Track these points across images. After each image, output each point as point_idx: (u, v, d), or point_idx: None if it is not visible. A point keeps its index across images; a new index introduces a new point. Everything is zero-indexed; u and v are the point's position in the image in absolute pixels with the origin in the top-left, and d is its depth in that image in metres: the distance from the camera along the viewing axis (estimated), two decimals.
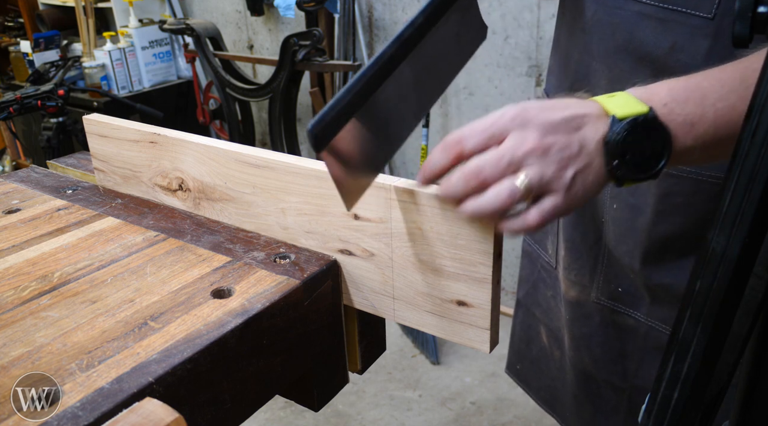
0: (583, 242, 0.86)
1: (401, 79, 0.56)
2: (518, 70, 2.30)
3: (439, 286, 0.63)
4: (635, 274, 0.80)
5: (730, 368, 0.44)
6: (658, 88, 0.56)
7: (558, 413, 1.02)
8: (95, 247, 0.73)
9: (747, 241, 0.40)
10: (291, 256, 0.69)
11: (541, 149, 0.52)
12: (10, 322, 0.59)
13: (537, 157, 0.52)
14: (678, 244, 0.75)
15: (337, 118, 0.51)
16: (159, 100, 3.20)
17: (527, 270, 1.04)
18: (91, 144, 0.88)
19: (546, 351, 1.01)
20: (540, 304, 1.01)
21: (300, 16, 2.80)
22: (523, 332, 1.07)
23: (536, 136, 0.52)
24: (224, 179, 0.75)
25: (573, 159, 0.53)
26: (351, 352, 0.75)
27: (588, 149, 0.53)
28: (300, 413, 2.14)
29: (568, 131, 0.53)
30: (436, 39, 0.58)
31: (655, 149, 0.54)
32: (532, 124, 0.53)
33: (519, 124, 0.53)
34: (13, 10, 4.13)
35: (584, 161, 0.53)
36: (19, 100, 2.32)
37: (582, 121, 0.54)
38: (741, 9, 0.38)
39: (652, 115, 0.53)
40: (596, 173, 0.54)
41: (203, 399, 0.55)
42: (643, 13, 0.68)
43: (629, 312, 0.83)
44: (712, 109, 0.54)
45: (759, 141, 0.39)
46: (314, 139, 0.50)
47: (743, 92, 0.53)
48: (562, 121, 0.53)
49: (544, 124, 0.53)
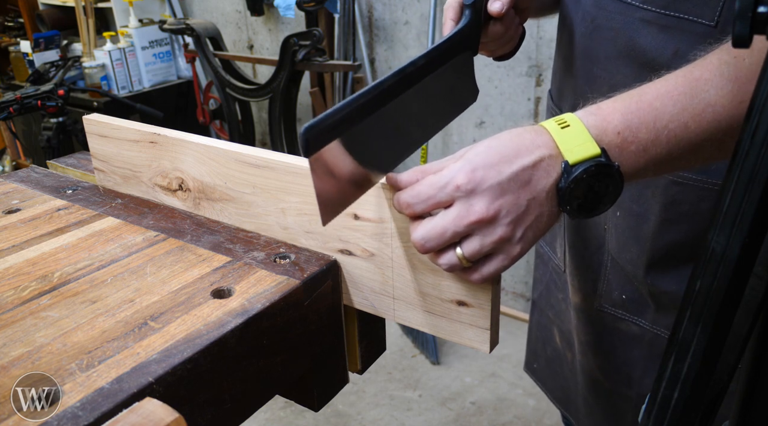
0: (586, 249, 0.86)
1: (397, 110, 0.57)
2: (518, 70, 2.30)
3: (439, 286, 0.63)
4: (639, 281, 0.80)
5: (730, 368, 0.44)
6: (612, 113, 0.55)
7: (572, 414, 1.02)
8: (95, 247, 0.73)
9: (747, 241, 0.40)
10: (291, 256, 0.69)
11: (488, 219, 0.53)
12: (10, 322, 0.59)
13: (483, 225, 0.53)
14: (684, 251, 0.74)
15: (333, 127, 0.52)
16: (159, 100, 3.21)
17: (540, 271, 1.03)
18: (91, 144, 0.88)
19: (559, 352, 1.01)
20: (553, 305, 1.00)
21: (300, 16, 2.80)
22: (539, 332, 1.06)
23: (483, 205, 0.52)
24: (224, 179, 0.75)
25: (522, 217, 0.53)
26: (351, 352, 0.75)
27: (538, 200, 0.54)
28: (300, 413, 2.14)
29: (517, 189, 0.53)
30: (433, 83, 0.61)
31: (607, 190, 0.54)
32: (480, 189, 0.52)
33: (466, 192, 0.53)
34: (13, 10, 4.14)
35: (534, 214, 0.54)
36: (19, 100, 2.32)
37: (532, 173, 0.53)
38: (741, 9, 0.38)
39: (604, 160, 0.53)
40: (549, 219, 0.55)
41: (203, 399, 0.55)
42: (645, 19, 0.68)
43: (634, 319, 0.83)
44: (665, 132, 0.54)
45: (759, 141, 0.39)
46: (305, 143, 0.50)
47: (695, 108, 0.53)
48: (511, 179, 0.53)
49: (492, 187, 0.52)
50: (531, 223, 0.54)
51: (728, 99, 0.53)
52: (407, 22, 2.55)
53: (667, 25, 0.66)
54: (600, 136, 0.54)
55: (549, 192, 0.54)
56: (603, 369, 0.88)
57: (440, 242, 0.54)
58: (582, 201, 0.54)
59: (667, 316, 0.79)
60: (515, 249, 0.54)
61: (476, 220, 0.52)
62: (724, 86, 0.53)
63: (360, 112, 0.54)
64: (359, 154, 0.56)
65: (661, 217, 0.74)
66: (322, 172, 0.53)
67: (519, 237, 0.54)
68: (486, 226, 0.53)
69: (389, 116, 0.57)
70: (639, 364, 0.84)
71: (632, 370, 0.85)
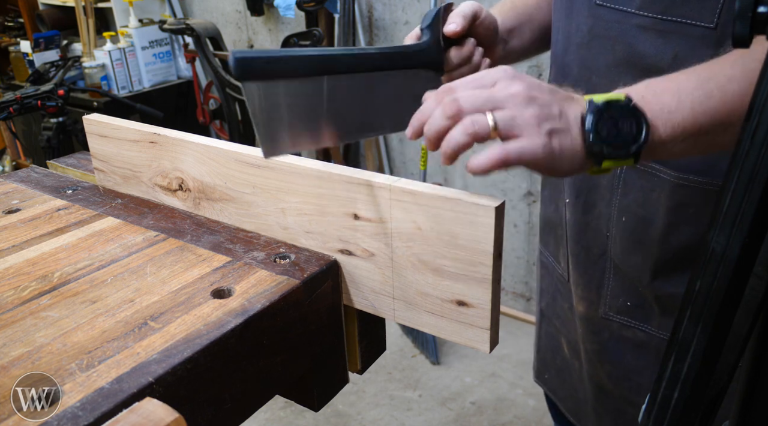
0: (588, 257, 0.85)
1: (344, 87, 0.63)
2: (518, 69, 2.29)
3: (439, 286, 0.63)
4: (644, 287, 0.79)
5: (730, 368, 0.44)
6: (638, 86, 0.59)
7: (583, 424, 1.01)
8: (95, 247, 0.73)
9: (747, 241, 0.40)
10: (291, 256, 0.69)
11: (524, 97, 0.54)
12: (10, 322, 0.59)
13: (518, 102, 0.54)
14: (691, 254, 0.74)
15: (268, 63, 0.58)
16: (159, 100, 3.20)
17: (546, 281, 1.03)
18: (91, 144, 0.88)
19: (568, 361, 1.00)
20: (559, 315, 1.00)
21: (300, 16, 2.79)
22: (548, 341, 1.05)
23: (522, 87, 0.55)
24: (224, 179, 0.75)
25: (552, 117, 0.55)
26: (351, 352, 0.75)
27: (567, 117, 0.56)
28: (300, 413, 2.14)
29: (553, 96, 0.56)
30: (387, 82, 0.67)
31: (631, 128, 0.55)
32: (522, 79, 0.56)
33: (510, 76, 0.56)
34: (13, 10, 4.13)
35: (563, 124, 0.55)
36: (19, 100, 2.32)
37: (566, 97, 0.57)
38: (741, 9, 0.38)
39: (627, 100, 0.56)
40: (573, 142, 0.56)
41: (203, 399, 0.55)
42: (642, 25, 0.68)
43: (640, 326, 0.82)
44: (688, 98, 0.55)
45: (759, 141, 0.39)
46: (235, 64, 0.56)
47: (718, 80, 0.55)
48: (549, 88, 0.57)
49: (532, 83, 0.56)
50: (559, 129, 0.55)
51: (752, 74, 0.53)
52: (407, 22, 2.55)
53: (666, 30, 0.66)
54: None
55: (576, 118, 0.56)
56: (611, 377, 0.88)
57: (474, 102, 0.55)
58: (606, 134, 0.55)
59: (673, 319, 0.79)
60: (541, 139, 0.54)
61: (515, 93, 0.54)
62: (747, 64, 0.55)
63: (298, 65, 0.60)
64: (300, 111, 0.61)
65: (667, 221, 0.74)
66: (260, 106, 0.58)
67: (547, 130, 0.54)
68: (521, 102, 0.54)
69: (334, 89, 0.62)
70: (647, 372, 0.83)
71: (641, 377, 0.84)
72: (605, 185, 0.79)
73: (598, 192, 0.81)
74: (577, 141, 0.56)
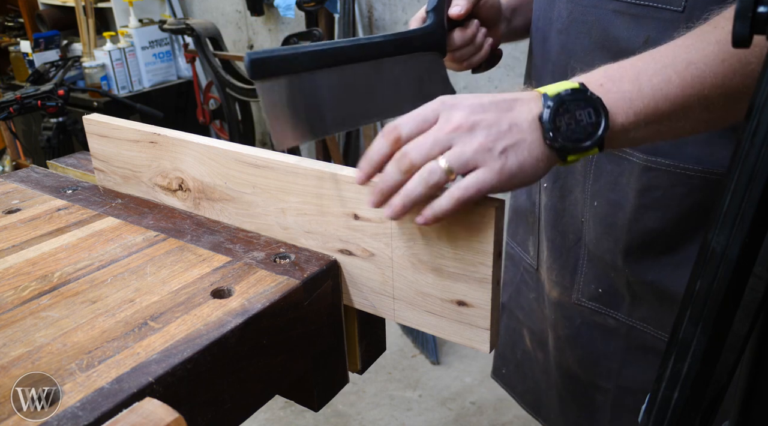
0: (564, 243, 0.87)
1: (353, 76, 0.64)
2: (518, 70, 2.30)
3: (439, 286, 0.63)
4: (617, 272, 0.81)
5: (730, 368, 0.44)
6: (594, 73, 0.58)
7: (542, 416, 1.03)
8: (95, 247, 0.73)
9: (747, 241, 0.40)
10: (291, 256, 0.69)
11: (467, 126, 0.53)
12: (10, 322, 0.59)
13: (463, 133, 0.53)
14: (659, 239, 0.76)
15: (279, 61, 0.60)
16: (159, 100, 3.20)
17: (510, 273, 1.04)
18: (91, 144, 0.88)
19: (530, 354, 1.02)
20: (523, 306, 1.01)
21: (300, 16, 2.80)
22: (508, 336, 1.07)
23: (463, 114, 0.54)
24: (224, 179, 0.75)
25: (502, 134, 0.53)
26: (351, 352, 0.75)
27: (520, 127, 0.54)
28: (300, 413, 2.14)
29: (497, 111, 0.54)
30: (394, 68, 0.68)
31: (590, 118, 0.54)
32: (461, 105, 0.54)
33: (448, 106, 0.55)
34: (13, 10, 4.14)
35: (515, 138, 0.54)
36: (19, 100, 2.32)
37: (512, 104, 0.55)
38: (741, 9, 0.38)
39: (582, 87, 0.55)
40: (532, 149, 0.54)
41: (203, 399, 0.55)
42: (617, 10, 0.70)
43: (609, 312, 0.84)
44: (648, 84, 0.55)
45: (759, 141, 0.39)
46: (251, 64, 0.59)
47: (677, 66, 0.55)
48: (491, 103, 0.55)
49: (472, 104, 0.54)
50: (513, 144, 0.53)
51: (711, 58, 0.54)
52: (407, 22, 2.55)
53: (638, 14, 0.68)
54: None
55: (531, 122, 0.54)
56: (581, 362, 0.89)
57: (421, 151, 0.54)
58: (564, 128, 0.54)
59: (642, 307, 0.80)
60: (497, 163, 0.53)
61: (456, 126, 0.53)
62: (705, 47, 0.55)
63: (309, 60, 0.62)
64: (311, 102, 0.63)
65: (636, 204, 0.75)
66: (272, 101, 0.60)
67: (500, 150, 0.53)
68: (465, 134, 0.53)
69: (343, 78, 0.64)
70: (616, 357, 0.85)
71: (610, 362, 0.86)
72: (580, 170, 0.81)
73: (574, 177, 0.82)
74: (538, 147, 0.54)
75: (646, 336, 0.81)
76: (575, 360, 0.90)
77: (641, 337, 0.81)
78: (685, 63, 0.55)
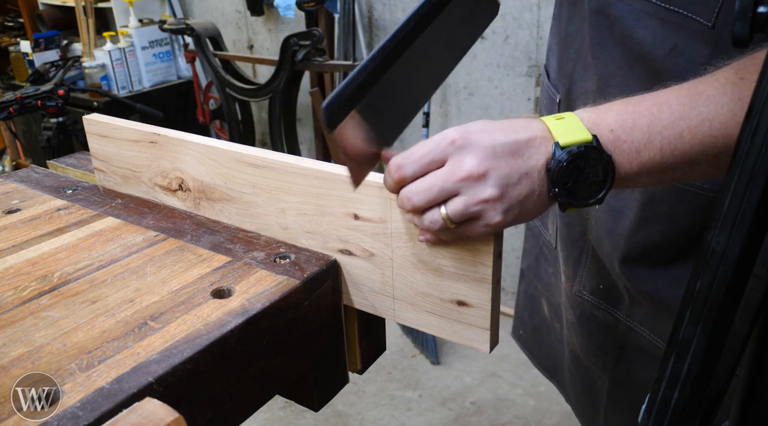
0: (569, 235, 0.87)
1: (416, 54, 0.57)
2: (518, 70, 2.30)
3: (439, 286, 0.63)
4: (615, 275, 0.80)
5: (730, 368, 0.44)
6: (606, 112, 0.56)
7: (557, 380, 1.04)
8: (95, 247, 0.73)
9: (747, 241, 0.40)
10: (291, 256, 0.69)
11: (477, 174, 0.52)
12: (10, 322, 0.59)
13: (472, 183, 0.52)
14: (658, 252, 0.75)
15: (350, 98, 0.53)
16: (159, 100, 3.20)
17: (531, 243, 1.04)
18: (91, 144, 0.88)
19: (547, 322, 1.02)
20: (541, 277, 1.01)
21: (300, 16, 2.80)
22: (527, 300, 1.08)
23: (474, 162, 0.52)
24: (224, 179, 0.75)
25: (512, 188, 0.53)
26: (351, 352, 0.75)
27: (531, 178, 0.53)
28: (300, 413, 2.14)
29: (510, 157, 0.53)
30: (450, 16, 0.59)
31: (597, 177, 0.54)
32: (473, 147, 0.52)
33: (458, 147, 0.53)
34: (13, 10, 4.13)
35: (524, 191, 0.53)
36: (19, 100, 2.32)
37: (525, 148, 0.53)
38: (741, 9, 0.38)
39: (595, 144, 0.53)
40: (537, 201, 0.54)
41: (203, 399, 0.55)
42: (644, 10, 0.67)
43: (610, 309, 0.84)
44: (658, 137, 0.54)
45: (759, 141, 0.39)
46: (328, 116, 0.51)
47: (692, 120, 0.53)
48: (505, 146, 0.53)
49: (485, 147, 0.52)
50: (520, 197, 0.53)
51: (728, 117, 0.52)
52: None
53: (666, 19, 0.65)
54: (593, 130, 0.54)
55: (540, 171, 0.54)
56: (583, 348, 0.90)
57: (426, 198, 0.53)
58: (571, 184, 0.53)
59: (641, 311, 0.80)
60: (497, 217, 0.53)
61: (466, 175, 0.52)
62: (725, 104, 0.52)
63: (379, 69, 0.54)
64: (375, 118, 0.56)
65: (638, 215, 0.74)
66: (346, 141, 0.54)
67: (506, 207, 0.53)
68: (474, 184, 0.52)
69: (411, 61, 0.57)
70: (612, 352, 0.85)
71: (606, 356, 0.86)
72: None
73: None
74: (542, 197, 0.54)
75: (643, 339, 0.80)
76: (578, 345, 0.91)
77: (638, 340, 0.81)
78: (700, 118, 0.53)
